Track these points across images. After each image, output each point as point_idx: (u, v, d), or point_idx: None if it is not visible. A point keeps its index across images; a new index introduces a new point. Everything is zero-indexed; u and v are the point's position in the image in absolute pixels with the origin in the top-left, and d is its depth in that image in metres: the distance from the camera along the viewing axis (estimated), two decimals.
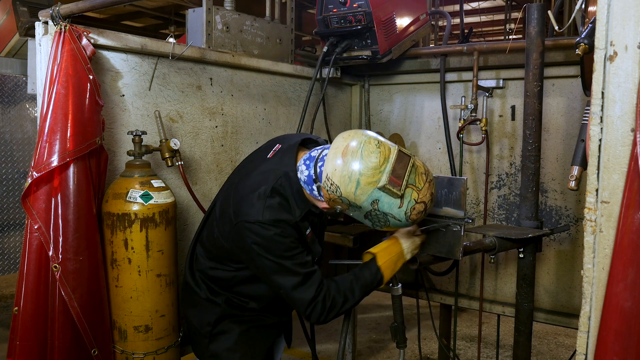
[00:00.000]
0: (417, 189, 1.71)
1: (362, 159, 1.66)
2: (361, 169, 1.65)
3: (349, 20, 2.88)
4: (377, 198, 1.68)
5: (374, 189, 1.66)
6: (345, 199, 1.70)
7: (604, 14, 1.22)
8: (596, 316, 1.26)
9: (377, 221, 1.75)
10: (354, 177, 1.65)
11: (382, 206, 1.69)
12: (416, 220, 1.76)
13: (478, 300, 3.08)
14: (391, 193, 1.67)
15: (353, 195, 1.67)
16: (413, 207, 1.71)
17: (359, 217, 1.78)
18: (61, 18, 2.01)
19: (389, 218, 1.72)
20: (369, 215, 1.74)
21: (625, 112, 1.20)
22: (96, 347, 2.04)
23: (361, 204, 1.69)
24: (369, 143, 1.70)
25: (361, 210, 1.73)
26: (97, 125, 2.06)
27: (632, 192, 1.16)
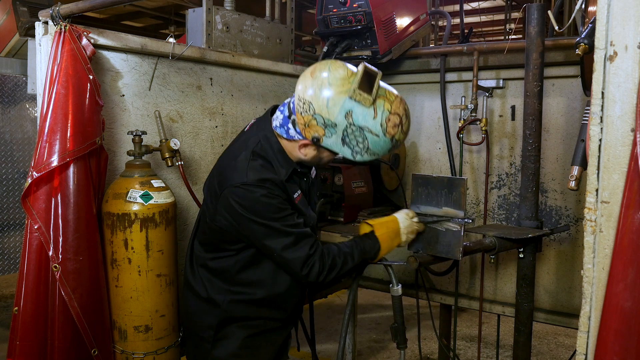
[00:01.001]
0: (389, 99, 1.70)
1: (331, 72, 1.67)
2: (330, 79, 1.66)
3: (349, 20, 2.88)
4: (350, 109, 1.66)
5: (345, 98, 1.65)
6: (319, 116, 1.67)
7: (604, 14, 1.22)
8: (596, 316, 1.26)
9: (356, 143, 1.70)
10: (324, 88, 1.66)
11: (356, 118, 1.66)
12: (394, 138, 1.72)
13: (478, 300, 3.08)
14: (363, 100, 1.65)
15: (326, 109, 1.65)
16: (388, 117, 1.68)
17: (337, 146, 1.72)
18: (61, 18, 2.01)
19: (366, 134, 1.68)
20: (347, 137, 1.69)
21: (625, 112, 1.20)
22: (96, 347, 2.04)
23: (335, 119, 1.66)
24: (335, 62, 1.72)
25: (337, 131, 1.68)
26: (97, 125, 2.06)
27: (632, 192, 1.16)
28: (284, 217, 1.74)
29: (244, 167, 1.75)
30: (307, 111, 1.68)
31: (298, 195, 1.87)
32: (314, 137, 1.72)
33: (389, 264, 2.02)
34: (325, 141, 1.72)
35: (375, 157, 1.76)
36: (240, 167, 1.76)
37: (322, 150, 1.79)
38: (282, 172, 1.80)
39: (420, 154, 3.38)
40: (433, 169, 3.32)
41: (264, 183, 1.72)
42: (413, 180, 2.03)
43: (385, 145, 1.73)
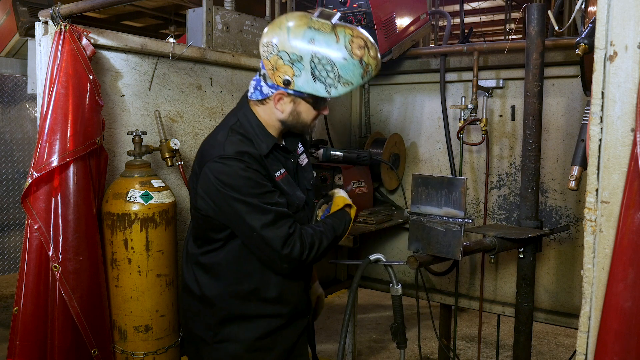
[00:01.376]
0: (348, 28, 1.68)
1: (289, 16, 1.70)
2: (288, 18, 1.68)
3: (349, 21, 2.88)
4: (311, 37, 1.64)
5: (305, 28, 1.64)
6: (283, 52, 1.65)
7: (604, 14, 1.22)
8: (596, 316, 1.26)
9: (326, 74, 1.66)
10: (283, 24, 1.67)
11: (319, 45, 1.63)
12: (363, 60, 1.67)
13: (478, 300, 3.08)
14: (322, 27, 1.64)
15: (288, 43, 1.64)
16: (351, 39, 1.65)
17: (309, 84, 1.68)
18: (61, 18, 2.01)
19: (333, 59, 1.64)
20: (315, 70, 1.65)
21: (625, 112, 1.20)
22: (96, 347, 2.04)
23: (300, 51, 1.64)
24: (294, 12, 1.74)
25: (304, 65, 1.65)
26: (97, 125, 2.06)
27: (632, 192, 1.16)
28: (262, 194, 1.69)
29: (222, 142, 1.73)
30: (272, 52, 1.67)
31: (281, 173, 1.81)
32: (284, 80, 1.68)
33: (389, 263, 2.03)
34: (297, 82, 1.68)
35: (349, 86, 1.69)
36: (218, 144, 1.74)
37: (298, 102, 1.75)
38: (262, 146, 1.76)
39: (420, 154, 3.38)
40: (433, 169, 3.32)
41: (242, 156, 1.68)
42: (413, 180, 2.03)
43: (356, 69, 1.67)
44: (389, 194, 3.46)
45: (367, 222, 2.85)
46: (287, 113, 1.77)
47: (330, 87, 1.68)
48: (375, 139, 3.33)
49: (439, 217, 1.97)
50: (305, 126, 1.83)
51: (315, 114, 1.80)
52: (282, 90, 1.72)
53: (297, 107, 1.76)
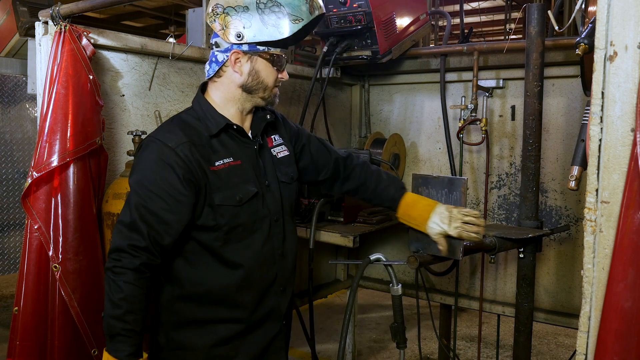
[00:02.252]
0: None
1: None
2: None
3: (349, 20, 2.88)
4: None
5: None
6: (229, 8, 1.64)
7: (604, 14, 1.22)
8: (596, 316, 1.26)
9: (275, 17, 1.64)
10: None
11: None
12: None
13: (478, 300, 3.08)
14: None
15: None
16: None
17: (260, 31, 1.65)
18: (61, 18, 2.01)
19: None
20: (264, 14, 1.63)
21: (625, 112, 1.20)
22: (96, 347, 2.04)
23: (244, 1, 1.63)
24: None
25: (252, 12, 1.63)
26: (97, 125, 2.06)
27: (632, 192, 1.16)
28: (157, 185, 1.58)
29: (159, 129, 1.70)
30: (218, 13, 1.65)
31: (226, 162, 1.68)
32: (236, 34, 1.65)
33: (389, 263, 2.02)
34: (248, 33, 1.64)
35: (299, 22, 1.66)
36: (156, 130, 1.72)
37: (255, 59, 1.69)
38: (212, 126, 1.69)
39: (420, 154, 3.38)
40: (433, 169, 3.32)
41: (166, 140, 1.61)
42: (413, 180, 2.02)
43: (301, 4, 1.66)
44: None
45: (367, 222, 2.85)
46: (246, 73, 1.70)
47: (282, 27, 1.65)
48: (375, 139, 3.33)
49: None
50: (266, 88, 1.74)
51: (275, 75, 1.73)
52: (236, 49, 1.67)
53: (254, 65, 1.70)
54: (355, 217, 2.88)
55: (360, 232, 2.71)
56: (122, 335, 1.53)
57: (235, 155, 1.71)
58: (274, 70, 1.73)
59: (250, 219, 1.71)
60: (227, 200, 1.66)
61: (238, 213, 1.68)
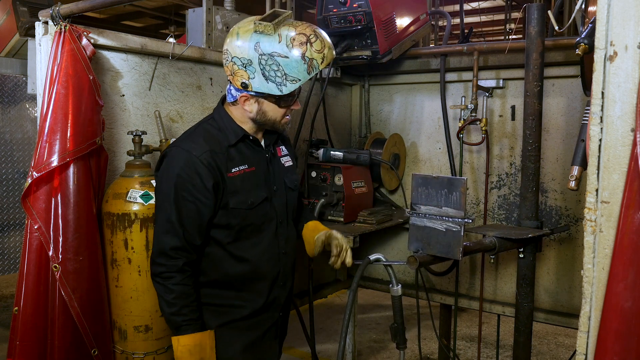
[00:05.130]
0: (294, 25, 1.76)
1: (241, 22, 1.82)
2: (239, 26, 1.79)
3: (349, 20, 2.88)
4: (257, 41, 1.73)
5: (251, 33, 1.74)
6: (236, 58, 1.76)
7: (604, 14, 1.22)
8: (596, 316, 1.26)
9: (275, 74, 1.74)
10: (234, 31, 1.78)
11: (264, 47, 1.73)
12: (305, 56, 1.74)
13: (478, 300, 3.08)
14: (265, 29, 1.72)
15: (238, 48, 1.75)
16: (292, 38, 1.73)
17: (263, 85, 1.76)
18: (61, 18, 2.01)
19: (277, 59, 1.73)
20: (265, 70, 1.74)
21: (625, 112, 1.20)
22: (96, 347, 2.04)
23: (248, 55, 1.74)
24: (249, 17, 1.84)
25: (255, 66, 1.74)
26: (97, 125, 2.06)
27: (632, 192, 1.16)
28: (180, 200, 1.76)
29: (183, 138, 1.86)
30: (228, 59, 1.78)
31: (240, 170, 1.86)
32: (242, 83, 1.78)
33: (389, 263, 2.03)
34: (253, 84, 1.77)
35: (297, 82, 1.77)
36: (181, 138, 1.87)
37: (261, 101, 1.83)
38: (231, 136, 1.86)
39: (420, 154, 3.38)
40: (433, 169, 3.32)
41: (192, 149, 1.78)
42: (413, 180, 2.03)
43: (299, 66, 1.74)
44: (389, 194, 3.46)
45: (367, 222, 2.85)
46: (255, 112, 1.86)
47: (281, 85, 1.77)
48: (375, 139, 3.33)
49: (439, 217, 1.97)
50: (275, 123, 1.90)
51: (282, 111, 1.87)
52: (244, 94, 1.82)
53: (261, 107, 1.84)
54: (355, 217, 2.88)
55: (360, 232, 2.71)
56: (184, 325, 1.79)
57: (250, 162, 1.90)
58: (281, 108, 1.87)
59: (259, 220, 1.91)
60: (239, 204, 1.85)
61: (249, 215, 1.88)
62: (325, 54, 1.78)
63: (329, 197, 2.87)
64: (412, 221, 2.03)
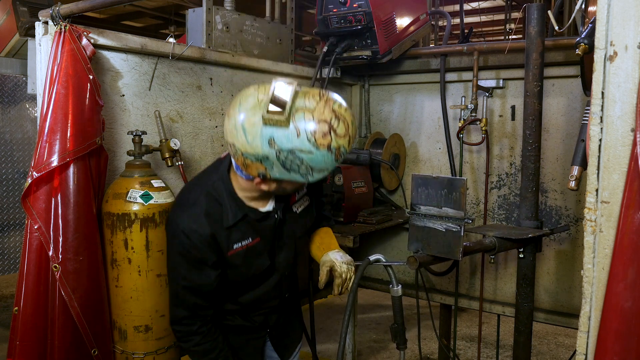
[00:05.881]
0: (309, 109, 1.47)
1: (241, 105, 1.52)
2: (242, 114, 1.50)
3: (349, 20, 2.88)
4: (270, 136, 1.47)
5: (261, 127, 1.47)
6: (248, 155, 1.51)
7: (604, 14, 1.22)
8: (596, 316, 1.26)
9: (298, 167, 1.52)
10: (238, 124, 1.50)
11: (281, 143, 1.47)
12: (331, 147, 1.49)
13: (478, 300, 3.08)
14: (278, 123, 1.45)
15: (249, 145, 1.49)
16: (314, 130, 1.46)
17: (284, 174, 1.55)
18: (61, 18, 2.01)
19: (299, 155, 1.48)
20: (285, 164, 1.51)
21: (625, 112, 1.20)
22: (96, 347, 2.04)
23: (264, 152, 1.49)
24: (246, 90, 1.56)
25: (272, 161, 1.51)
26: (97, 125, 2.06)
27: (632, 192, 1.16)
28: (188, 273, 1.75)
29: (187, 206, 1.73)
30: (236, 153, 1.55)
31: (245, 244, 1.77)
32: (259, 173, 1.58)
33: (389, 264, 2.02)
34: (272, 173, 1.56)
35: (325, 172, 1.58)
36: (185, 204, 1.75)
37: (280, 181, 1.63)
38: (229, 217, 1.72)
39: (420, 154, 3.38)
40: (433, 169, 3.32)
41: (190, 234, 1.68)
42: (413, 180, 2.03)
43: (327, 159, 1.51)
44: (389, 194, 3.46)
45: (367, 222, 2.85)
46: (274, 189, 1.69)
47: (307, 175, 1.55)
48: (375, 139, 3.33)
49: (438, 217, 1.97)
50: (293, 190, 1.78)
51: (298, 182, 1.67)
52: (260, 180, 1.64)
53: (282, 185, 1.67)
54: (355, 217, 2.88)
55: (360, 232, 2.71)
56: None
57: (254, 234, 1.79)
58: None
59: (260, 278, 1.91)
60: (239, 276, 1.84)
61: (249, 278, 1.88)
62: (350, 134, 1.53)
63: (329, 197, 2.87)
64: (412, 221, 2.03)
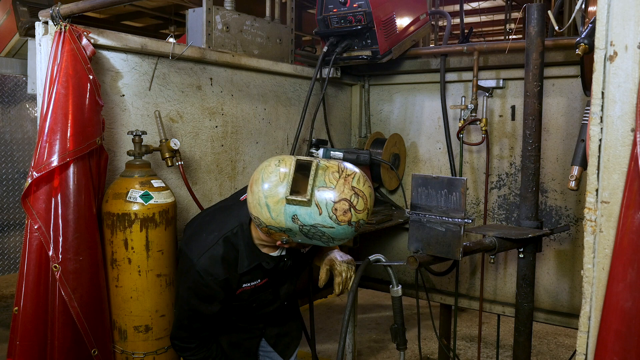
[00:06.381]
0: (330, 187, 1.63)
1: (263, 182, 1.66)
2: (265, 192, 1.65)
3: (349, 20, 2.88)
4: (294, 213, 1.63)
5: (284, 205, 1.63)
6: (272, 227, 1.68)
7: (604, 14, 1.22)
8: (596, 316, 1.26)
9: (320, 237, 1.69)
10: (262, 202, 1.65)
11: (304, 219, 1.63)
12: (351, 222, 1.65)
13: (478, 300, 3.08)
14: (300, 203, 1.61)
15: (272, 219, 1.66)
16: (334, 208, 1.62)
17: (306, 241, 1.73)
18: (61, 18, 2.00)
19: (321, 229, 1.65)
20: (308, 235, 1.68)
21: (625, 112, 1.20)
22: (96, 347, 2.04)
23: (287, 225, 1.66)
24: (268, 166, 1.69)
25: (295, 233, 1.68)
26: (97, 125, 2.06)
27: (632, 192, 1.16)
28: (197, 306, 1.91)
29: (205, 248, 1.86)
30: (260, 224, 1.71)
31: (253, 284, 1.94)
32: (282, 240, 1.75)
33: (389, 264, 2.02)
34: (295, 239, 1.73)
35: (346, 239, 1.73)
36: (203, 245, 1.87)
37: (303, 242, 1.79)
38: (244, 264, 1.88)
39: (420, 154, 3.38)
40: (433, 169, 3.32)
41: (206, 275, 1.83)
42: (413, 180, 2.03)
43: (347, 231, 1.67)
44: (389, 194, 3.46)
45: (367, 222, 2.84)
46: (294, 246, 1.88)
47: (328, 242, 1.72)
48: (375, 139, 3.33)
49: (439, 217, 1.97)
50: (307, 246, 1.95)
51: None
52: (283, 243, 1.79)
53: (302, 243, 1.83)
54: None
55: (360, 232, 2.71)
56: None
57: (263, 276, 1.96)
58: None
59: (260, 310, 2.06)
60: (242, 309, 2.01)
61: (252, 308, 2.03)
62: (369, 207, 1.69)
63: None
64: (412, 221, 2.03)
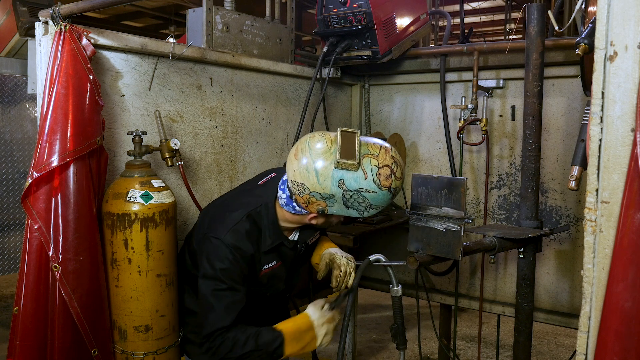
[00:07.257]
0: (374, 155, 1.77)
1: (311, 150, 1.76)
2: (313, 157, 1.76)
3: (349, 20, 2.88)
4: (340, 178, 1.74)
5: (332, 170, 1.74)
6: (315, 193, 1.77)
7: (604, 14, 1.22)
8: (596, 316, 1.26)
9: (358, 205, 1.79)
10: (310, 167, 1.75)
11: (349, 184, 1.74)
12: (391, 188, 1.78)
13: (478, 300, 3.08)
14: (349, 166, 1.73)
15: (319, 185, 1.75)
16: (378, 172, 1.75)
17: (342, 211, 1.82)
18: (61, 18, 2.00)
19: (364, 194, 1.76)
20: (347, 202, 1.78)
21: (625, 112, 1.20)
22: (96, 347, 2.04)
23: (331, 191, 1.75)
24: (313, 137, 1.80)
25: (337, 199, 1.78)
26: (97, 125, 2.06)
27: (632, 192, 1.16)
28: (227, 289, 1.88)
29: (230, 225, 1.90)
30: (303, 192, 1.79)
31: (271, 266, 2.00)
32: (318, 210, 1.83)
33: (389, 264, 2.02)
34: (330, 210, 1.82)
35: (380, 209, 1.84)
36: (228, 222, 1.91)
37: (331, 216, 1.90)
38: (267, 242, 1.95)
39: (420, 154, 3.38)
40: (433, 169, 3.32)
41: (235, 250, 1.87)
42: (413, 180, 2.03)
43: (385, 198, 1.80)
44: None
45: (367, 222, 2.85)
46: (320, 224, 1.95)
47: (363, 211, 1.82)
48: None
49: (438, 217, 1.97)
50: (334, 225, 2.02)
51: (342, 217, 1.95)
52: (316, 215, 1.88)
53: (329, 219, 1.94)
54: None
55: (360, 231, 2.71)
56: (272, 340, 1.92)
57: (278, 258, 2.03)
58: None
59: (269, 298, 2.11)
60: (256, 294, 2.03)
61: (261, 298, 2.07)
62: (403, 177, 1.85)
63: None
64: (412, 221, 2.03)
